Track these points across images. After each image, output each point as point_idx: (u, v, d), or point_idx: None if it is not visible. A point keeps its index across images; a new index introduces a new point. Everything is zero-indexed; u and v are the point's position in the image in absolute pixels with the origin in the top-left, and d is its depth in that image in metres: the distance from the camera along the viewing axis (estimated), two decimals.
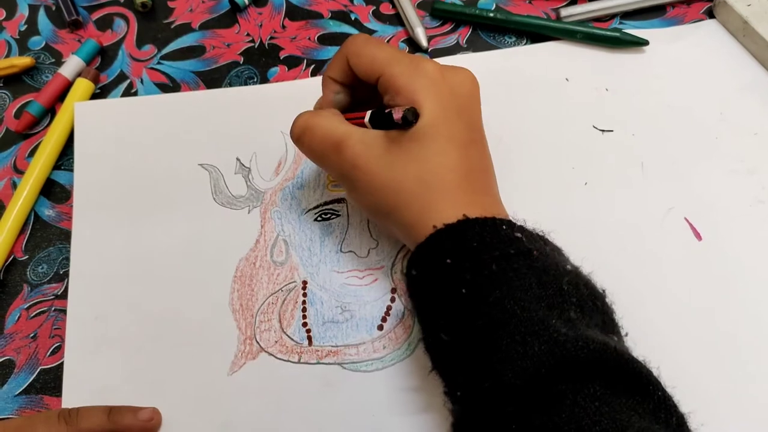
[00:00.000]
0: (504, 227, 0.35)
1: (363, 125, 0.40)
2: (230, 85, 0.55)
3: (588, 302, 0.34)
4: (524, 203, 0.41)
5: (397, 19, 0.57)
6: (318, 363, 0.44)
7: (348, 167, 0.39)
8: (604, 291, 0.36)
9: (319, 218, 0.49)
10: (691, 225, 0.47)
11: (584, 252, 0.39)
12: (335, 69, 0.43)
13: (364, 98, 0.44)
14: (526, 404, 0.30)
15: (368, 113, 0.40)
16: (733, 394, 0.42)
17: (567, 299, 0.33)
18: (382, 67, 0.40)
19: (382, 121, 0.39)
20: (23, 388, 0.44)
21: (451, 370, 0.35)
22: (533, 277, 0.33)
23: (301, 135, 0.42)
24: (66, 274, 0.47)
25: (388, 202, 0.38)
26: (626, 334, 0.36)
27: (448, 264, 0.34)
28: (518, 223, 0.37)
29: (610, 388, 0.30)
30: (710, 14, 0.57)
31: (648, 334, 0.42)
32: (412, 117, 0.37)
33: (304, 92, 0.54)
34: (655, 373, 0.32)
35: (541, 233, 0.37)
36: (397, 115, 0.37)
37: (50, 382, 0.44)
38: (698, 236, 0.47)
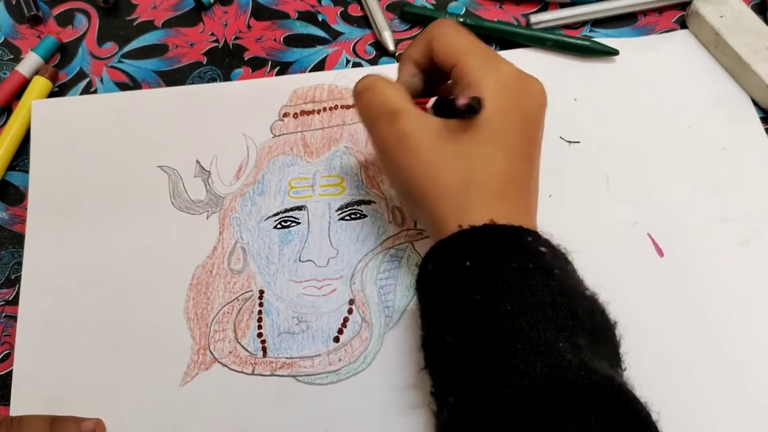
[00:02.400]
0: (529, 239, 0.34)
1: (425, 111, 0.39)
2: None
3: (601, 332, 0.33)
4: None
5: (365, 22, 0.56)
6: (272, 375, 0.44)
7: (393, 140, 0.38)
8: (616, 323, 0.35)
9: (278, 226, 0.48)
10: (653, 241, 0.47)
11: None
12: (416, 49, 0.42)
13: (437, 89, 0.42)
14: (518, 422, 0.30)
15: (432, 99, 0.38)
16: (693, 414, 0.42)
17: (579, 325, 0.32)
18: (459, 56, 0.39)
19: (445, 109, 0.37)
20: None
21: (448, 373, 0.34)
22: (548, 296, 0.32)
23: (362, 91, 0.40)
24: (18, 280, 0.46)
25: (424, 188, 0.37)
26: (625, 369, 0.35)
27: (467, 266, 0.33)
28: (545, 237, 0.36)
29: (604, 423, 0.29)
30: (683, 24, 0.56)
31: None
32: (477, 106, 0.36)
33: (268, 92, 0.53)
34: (655, 417, 0.31)
35: (565, 251, 0.36)
36: (461, 101, 0.36)
37: None
38: (660, 253, 0.47)
